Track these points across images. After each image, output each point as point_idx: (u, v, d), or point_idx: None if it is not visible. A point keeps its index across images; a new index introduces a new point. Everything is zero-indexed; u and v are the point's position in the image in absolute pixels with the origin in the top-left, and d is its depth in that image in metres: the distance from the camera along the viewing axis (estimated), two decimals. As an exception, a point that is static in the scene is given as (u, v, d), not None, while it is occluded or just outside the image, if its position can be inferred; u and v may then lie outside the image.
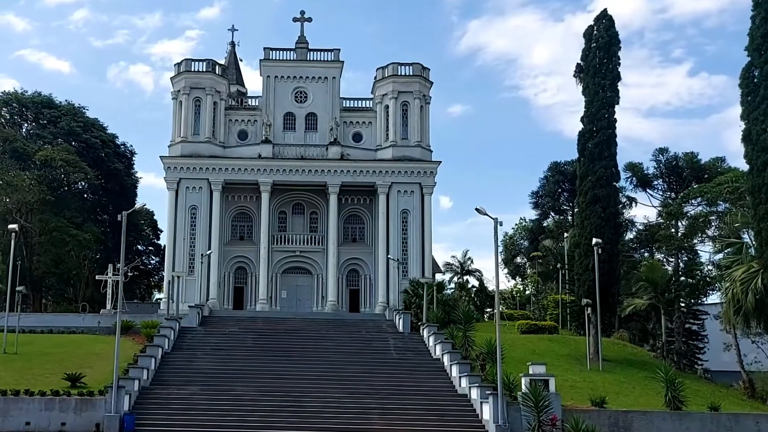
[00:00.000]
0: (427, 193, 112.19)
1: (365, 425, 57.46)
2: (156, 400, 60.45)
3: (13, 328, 74.34)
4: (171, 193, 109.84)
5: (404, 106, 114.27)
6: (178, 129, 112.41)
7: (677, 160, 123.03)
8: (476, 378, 63.35)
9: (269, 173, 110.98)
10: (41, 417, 55.38)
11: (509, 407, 56.29)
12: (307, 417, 58.28)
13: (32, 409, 55.56)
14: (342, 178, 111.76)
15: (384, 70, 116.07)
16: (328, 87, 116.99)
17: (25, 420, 55.30)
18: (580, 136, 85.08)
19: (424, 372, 71.33)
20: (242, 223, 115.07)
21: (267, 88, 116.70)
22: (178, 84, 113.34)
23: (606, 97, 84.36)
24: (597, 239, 76.71)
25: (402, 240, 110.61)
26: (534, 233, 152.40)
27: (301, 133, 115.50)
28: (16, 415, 55.33)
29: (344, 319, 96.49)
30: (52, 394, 56.56)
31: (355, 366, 71.94)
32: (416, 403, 62.14)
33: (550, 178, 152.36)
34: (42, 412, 55.50)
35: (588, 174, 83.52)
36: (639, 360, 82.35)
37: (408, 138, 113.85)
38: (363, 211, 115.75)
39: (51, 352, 70.34)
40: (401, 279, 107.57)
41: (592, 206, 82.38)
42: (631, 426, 58.18)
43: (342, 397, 62.49)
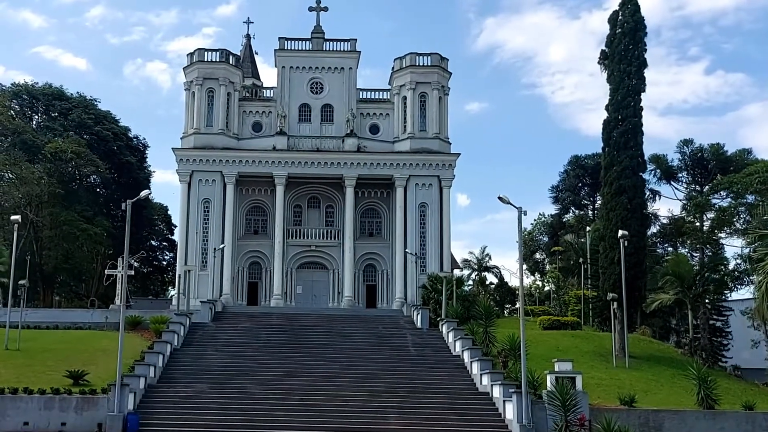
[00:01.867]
0: (446, 186, 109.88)
1: (382, 425, 54.81)
2: (162, 398, 57.74)
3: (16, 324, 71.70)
4: (183, 186, 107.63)
5: (422, 97, 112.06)
6: (190, 120, 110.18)
7: (702, 151, 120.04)
8: (498, 375, 60.63)
9: (284, 166, 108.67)
10: (40, 417, 52.83)
11: (534, 406, 53.58)
12: (322, 417, 55.66)
13: (31, 408, 53.02)
14: (359, 171, 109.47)
15: (402, 60, 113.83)
16: (345, 78, 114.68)
17: (23, 420, 52.73)
18: (604, 124, 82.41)
19: (443, 369, 68.63)
20: (256, 217, 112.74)
21: (282, 78, 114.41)
22: (191, 74, 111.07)
23: (632, 85, 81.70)
24: (623, 231, 74.10)
25: (420, 234, 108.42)
26: (554, 228, 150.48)
27: (317, 124, 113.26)
28: (14, 414, 52.72)
29: (361, 315, 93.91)
30: (52, 393, 53.95)
31: (372, 363, 69.31)
32: (435, 401, 59.44)
33: (570, 173, 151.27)
34: (41, 412, 52.96)
35: (613, 164, 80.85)
36: (666, 357, 79.84)
37: (426, 130, 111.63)
38: (380, 205, 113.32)
39: (55, 349, 67.65)
40: (419, 274, 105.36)
41: (618, 197, 79.70)
42: (662, 426, 55.51)
43: (358, 396, 59.76)
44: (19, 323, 71.41)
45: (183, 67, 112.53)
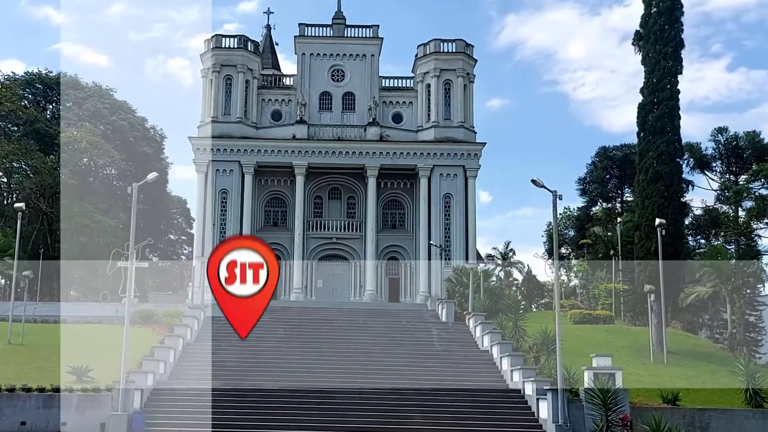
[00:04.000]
0: (471, 176, 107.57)
1: (406, 424, 50.95)
2: (172, 396, 53.75)
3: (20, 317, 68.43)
4: (200, 176, 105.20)
5: (447, 85, 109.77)
6: (207, 109, 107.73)
7: (738, 140, 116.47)
8: (531, 371, 56.71)
9: (304, 155, 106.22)
10: (39, 416, 48.95)
11: (570, 404, 49.69)
12: (342, 415, 51.75)
13: (29, 407, 49.11)
14: (381, 161, 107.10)
15: (425, 46, 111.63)
16: (367, 65, 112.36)
17: (21, 419, 48.87)
18: (639, 108, 78.76)
19: (470, 365, 64.71)
20: (276, 209, 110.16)
21: (302, 66, 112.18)
22: (208, 61, 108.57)
23: (668, 66, 77.98)
24: (660, 219, 70.28)
25: (444, 226, 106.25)
26: (581, 221, 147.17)
27: (338, 113, 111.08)
28: (10, 414, 48.88)
29: (383, 309, 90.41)
30: (52, 390, 50.10)
31: (395, 359, 65.40)
32: (463, 399, 55.35)
33: (598, 164, 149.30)
34: (40, 411, 49.06)
35: (649, 150, 77.15)
36: (705, 352, 76.25)
37: (451, 118, 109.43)
38: (403, 196, 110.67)
39: (60, 344, 64.18)
40: (443, 267, 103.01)
41: (654, 184, 76.01)
42: (709, 426, 51.53)
43: (380, 393, 55.77)
44: (22, 317, 67.94)
45: (200, 54, 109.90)
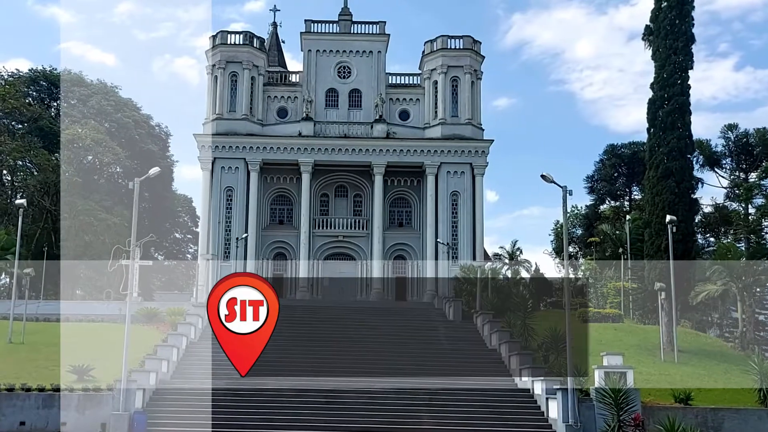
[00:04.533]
0: (479, 173, 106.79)
1: (413, 424, 50.06)
2: (175, 395, 52.80)
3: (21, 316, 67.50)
4: (205, 174, 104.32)
5: (454, 82, 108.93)
6: (212, 106, 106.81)
7: (747, 137, 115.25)
8: (540, 370, 55.71)
9: (310, 152, 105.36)
10: (38, 416, 48.21)
11: (581, 404, 48.71)
12: (348, 416, 50.85)
13: (28, 406, 48.38)
14: (388, 158, 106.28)
15: (432, 43, 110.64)
16: (373, 62, 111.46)
17: (20, 419, 48.08)
18: (649, 104, 77.65)
19: (478, 364, 63.71)
20: (281, 206, 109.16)
21: (308, 62, 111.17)
22: (213, 57, 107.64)
23: (678, 61, 76.88)
24: (671, 216, 69.22)
25: (452, 224, 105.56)
26: (589, 219, 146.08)
27: (345, 110, 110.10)
28: (9, 413, 48.11)
29: (390, 308, 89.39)
30: (52, 390, 49.24)
31: (402, 358, 64.33)
32: (471, 398, 54.41)
33: (606, 162, 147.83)
34: (39, 410, 48.31)
35: (659, 145, 76.01)
36: (715, 351, 75.26)
37: (458, 115, 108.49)
38: (410, 194, 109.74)
39: (63, 342, 63.13)
40: (451, 266, 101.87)
41: (664, 181, 74.85)
42: (722, 426, 50.54)
43: (387, 393, 54.82)
44: (23, 315, 67.05)
45: (205, 51, 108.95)
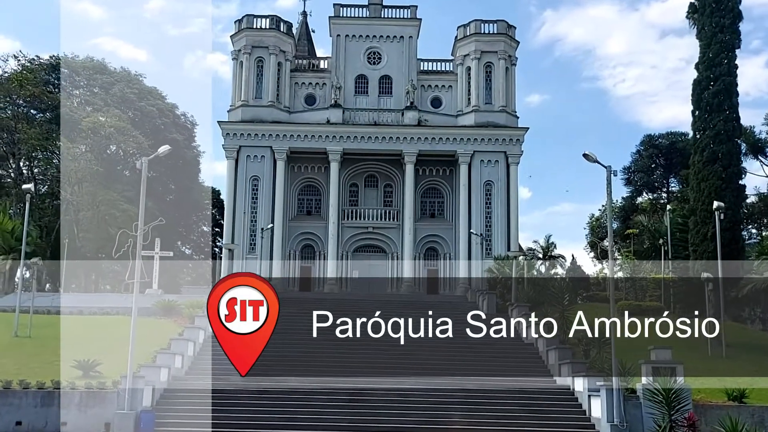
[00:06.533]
0: (513, 162, 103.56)
1: (445, 424, 46.40)
2: (188, 393, 48.99)
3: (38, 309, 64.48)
4: (230, 163, 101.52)
5: (488, 68, 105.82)
6: (238, 92, 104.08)
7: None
8: (581, 366, 51.95)
9: (339, 141, 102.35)
10: (36, 415, 44.45)
11: (626, 402, 45.04)
12: (374, 415, 47.19)
13: (25, 404, 44.58)
14: (419, 146, 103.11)
15: (466, 28, 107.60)
16: (404, 47, 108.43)
17: (16, 419, 44.29)
18: (694, 85, 73.99)
19: (514, 359, 59.98)
20: (309, 197, 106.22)
21: (337, 48, 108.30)
22: (239, 42, 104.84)
23: (725, 40, 73.21)
24: (719, 203, 65.25)
25: (485, 214, 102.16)
26: (626, 211, 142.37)
27: (375, 97, 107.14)
28: (4, 413, 44.37)
29: (422, 302, 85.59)
30: (53, 387, 45.62)
31: (432, 353, 60.66)
32: (506, 396, 50.59)
33: (643, 153, 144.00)
34: (37, 409, 44.50)
35: (705, 128, 72.34)
36: (765, 345, 71.17)
37: (492, 102, 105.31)
38: (442, 184, 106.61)
39: (72, 336, 59.47)
40: (484, 258, 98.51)
41: (710, 166, 71.18)
42: (780, 426, 46.80)
43: (418, 391, 51.08)
44: (30, 307, 63.25)
45: (230, 35, 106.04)
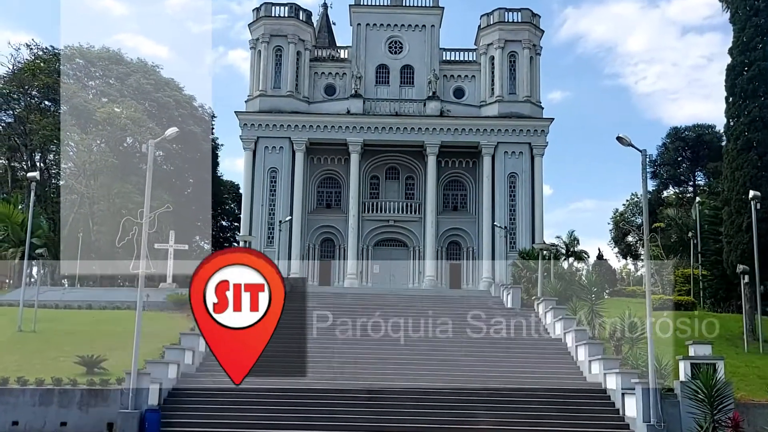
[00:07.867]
0: (538, 154, 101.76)
1: (469, 424, 43.75)
2: (198, 391, 46.00)
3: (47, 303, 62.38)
4: (248, 154, 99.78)
5: (512, 57, 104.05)
6: (256, 82, 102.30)
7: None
8: (613, 362, 49.15)
9: (359, 131, 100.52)
10: (35, 414, 41.99)
11: (663, 400, 42.35)
12: (395, 414, 44.56)
13: (22, 403, 42.14)
14: (442, 138, 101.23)
15: (489, 16, 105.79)
16: (426, 36, 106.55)
17: (12, 418, 41.65)
18: (728, 70, 70.62)
19: (541, 355, 57.44)
20: (329, 189, 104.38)
21: (357, 37, 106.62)
22: (257, 31, 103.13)
23: (760, 23, 69.71)
24: (755, 192, 62.34)
25: (509, 207, 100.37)
26: (652, 205, 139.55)
27: (396, 87, 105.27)
28: (1, 411, 42.02)
29: (444, 296, 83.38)
30: (53, 384, 43.20)
31: (455, 349, 58.22)
32: (534, 394, 47.94)
33: (669, 146, 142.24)
34: (35, 408, 42.04)
35: (738, 115, 68.87)
36: (800, 340, 68.32)
37: (516, 93, 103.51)
38: (465, 176, 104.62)
39: (79, 331, 56.73)
40: (508, 251, 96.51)
41: (745, 154, 67.69)
42: (829, 425, 44.05)
43: (440, 390, 48.44)
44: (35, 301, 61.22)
45: (248, 24, 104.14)
